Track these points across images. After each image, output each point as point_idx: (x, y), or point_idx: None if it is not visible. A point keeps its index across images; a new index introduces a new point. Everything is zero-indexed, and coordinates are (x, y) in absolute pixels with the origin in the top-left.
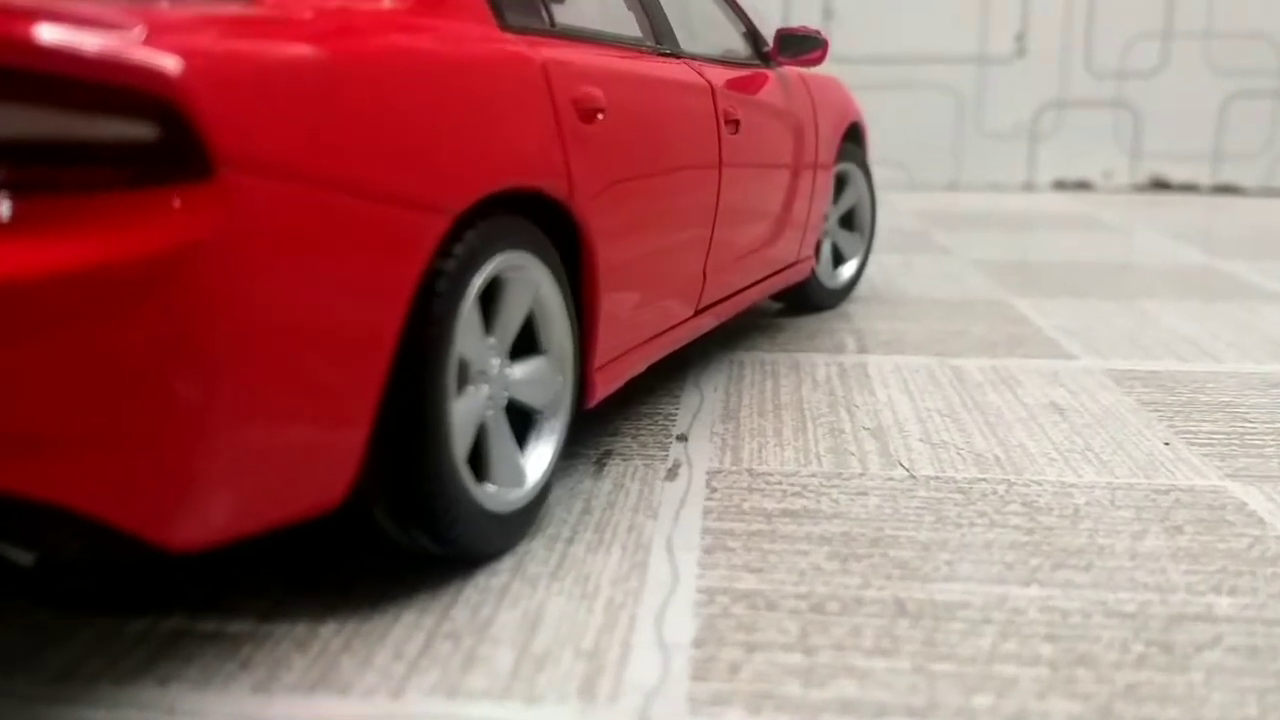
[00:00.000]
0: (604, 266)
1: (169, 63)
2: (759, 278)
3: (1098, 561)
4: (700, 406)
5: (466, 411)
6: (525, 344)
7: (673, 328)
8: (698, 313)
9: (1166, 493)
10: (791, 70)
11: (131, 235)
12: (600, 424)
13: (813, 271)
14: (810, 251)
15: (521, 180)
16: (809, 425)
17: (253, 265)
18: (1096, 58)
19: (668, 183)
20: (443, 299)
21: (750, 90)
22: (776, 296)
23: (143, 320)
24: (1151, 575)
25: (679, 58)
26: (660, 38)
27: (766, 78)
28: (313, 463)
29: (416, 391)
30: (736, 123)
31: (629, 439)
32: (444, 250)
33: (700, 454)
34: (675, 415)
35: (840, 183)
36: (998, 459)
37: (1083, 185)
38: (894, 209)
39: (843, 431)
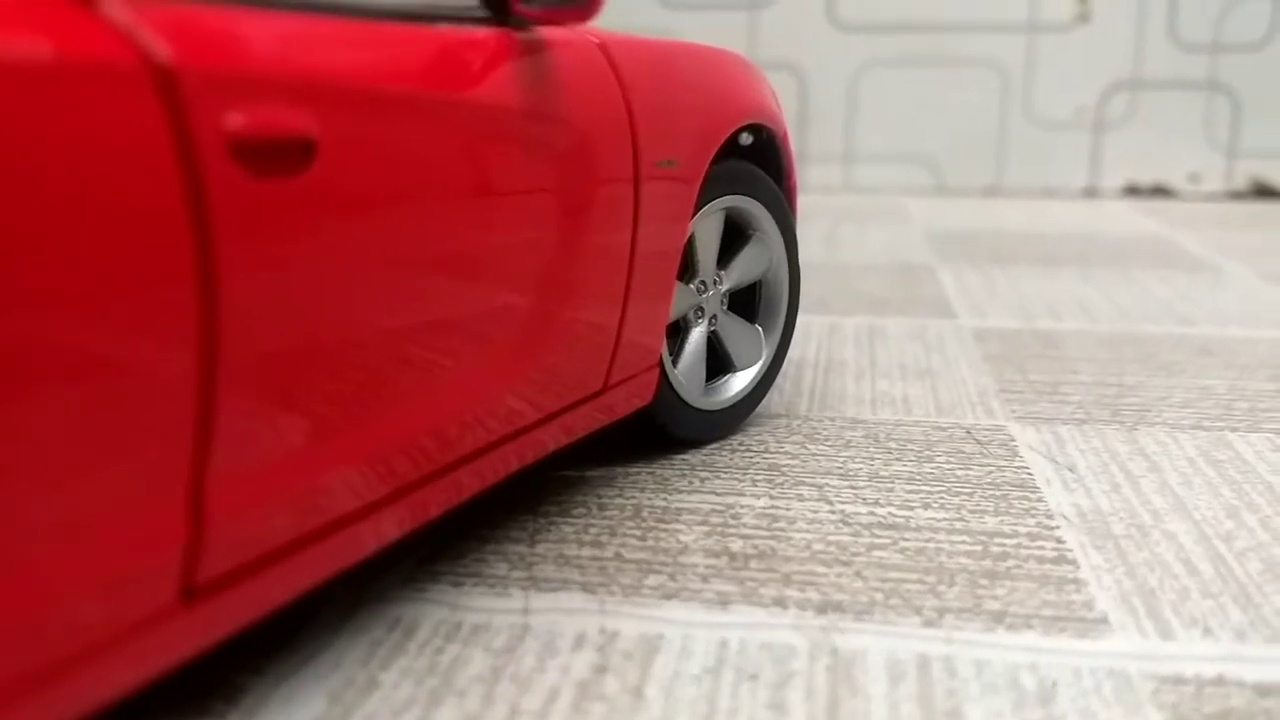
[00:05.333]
0: None
1: None
2: (482, 445)
3: None
4: None
5: None
6: None
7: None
8: (193, 596)
9: None
10: (569, 36)
11: None
12: None
13: (659, 389)
14: (647, 362)
15: None
16: None
17: None
18: (1183, 25)
19: None
20: None
21: (398, 73)
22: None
23: None
24: None
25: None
26: None
27: (487, 46)
28: None
29: None
30: (304, 143)
31: None
32: None
33: None
34: None
35: (733, 232)
36: None
37: (1161, 191)
38: (906, 225)
39: None
